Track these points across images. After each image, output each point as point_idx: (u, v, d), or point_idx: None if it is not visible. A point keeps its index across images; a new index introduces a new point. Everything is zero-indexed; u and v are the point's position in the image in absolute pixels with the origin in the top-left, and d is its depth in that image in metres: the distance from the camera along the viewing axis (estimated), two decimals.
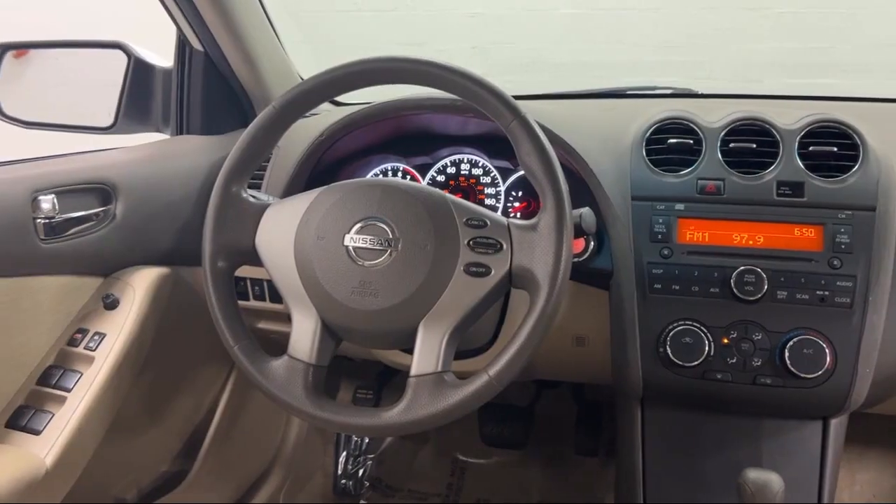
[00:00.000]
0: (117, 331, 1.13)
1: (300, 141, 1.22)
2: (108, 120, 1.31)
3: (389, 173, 1.30)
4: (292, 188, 1.20)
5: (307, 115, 1.31)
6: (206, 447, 1.47)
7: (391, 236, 0.87)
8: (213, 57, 1.32)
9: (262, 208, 0.94)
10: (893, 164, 1.05)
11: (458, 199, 0.90)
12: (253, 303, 1.30)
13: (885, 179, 1.02)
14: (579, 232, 0.94)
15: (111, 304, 1.15)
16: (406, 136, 1.29)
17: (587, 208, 0.94)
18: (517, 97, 1.39)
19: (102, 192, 1.15)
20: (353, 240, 0.87)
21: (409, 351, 0.86)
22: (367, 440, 1.90)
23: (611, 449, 1.76)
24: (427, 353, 0.84)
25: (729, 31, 3.12)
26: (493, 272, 0.85)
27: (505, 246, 0.85)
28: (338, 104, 1.48)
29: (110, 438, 1.14)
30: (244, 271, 1.24)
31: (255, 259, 0.93)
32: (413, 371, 0.84)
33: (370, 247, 0.87)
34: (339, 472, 1.85)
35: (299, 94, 0.93)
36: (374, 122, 1.21)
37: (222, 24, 1.24)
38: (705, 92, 1.44)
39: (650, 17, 3.16)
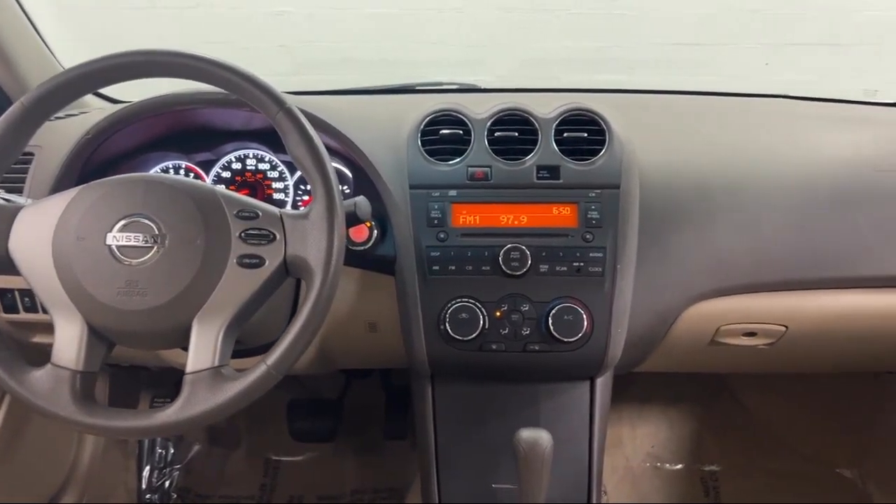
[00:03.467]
0: None
1: (66, 140, 1.15)
2: None
3: (171, 171, 1.27)
4: (58, 190, 1.13)
5: (74, 112, 1.25)
6: None
7: (157, 232, 0.85)
8: None
9: (15, 211, 0.88)
10: (635, 146, 1.18)
11: (228, 191, 0.90)
12: (24, 315, 1.21)
13: (627, 160, 1.14)
14: (355, 220, 0.97)
15: None
16: (187, 132, 1.26)
17: (362, 196, 0.98)
18: (306, 93, 1.42)
19: None
20: (116, 238, 0.85)
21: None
22: (171, 450, 1.83)
23: None
24: (203, 349, 0.84)
25: (526, 30, 3.30)
26: (267, 263, 0.86)
27: (278, 236, 0.87)
28: (114, 101, 1.41)
29: None
30: (10, 282, 1.16)
31: (9, 266, 0.88)
32: (189, 368, 0.83)
33: (135, 244, 0.84)
34: (143, 486, 1.77)
35: (50, 89, 0.89)
36: (149, 119, 1.17)
37: None
38: (489, 87, 1.55)
39: (454, 17, 3.27)
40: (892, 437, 1.72)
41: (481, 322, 1.09)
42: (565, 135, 1.15)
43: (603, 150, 1.14)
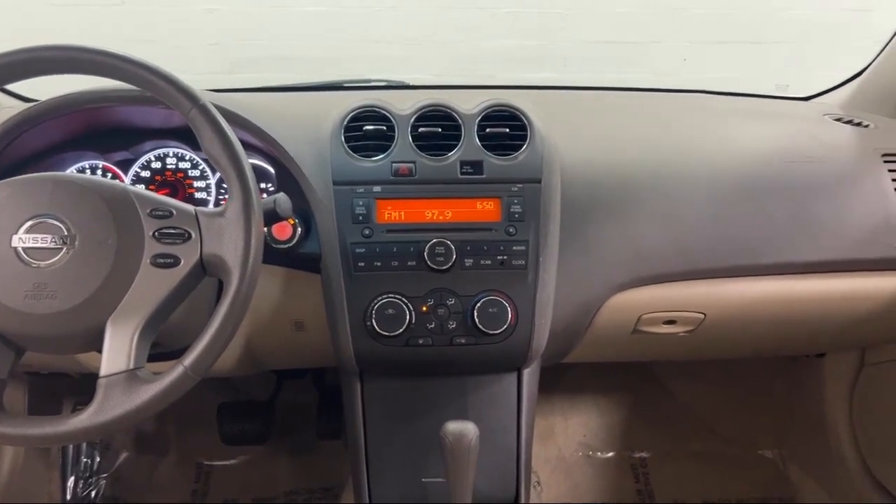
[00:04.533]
0: None
1: None
2: None
3: (87, 171, 1.23)
4: None
5: None
6: None
7: (66, 233, 0.83)
8: None
9: None
10: (556, 141, 1.20)
11: (140, 189, 0.89)
12: None
13: (548, 155, 1.16)
14: (275, 217, 0.96)
15: None
16: (104, 131, 1.22)
17: (282, 193, 0.97)
18: (230, 91, 1.39)
19: None
20: (21, 240, 0.82)
21: None
22: (97, 458, 1.78)
23: None
24: (117, 351, 0.82)
25: (462, 28, 3.32)
26: (182, 262, 0.85)
27: (193, 235, 0.85)
28: (26, 100, 1.36)
29: None
30: None
31: None
32: (103, 371, 0.81)
33: (43, 246, 0.82)
34: (68, 497, 1.71)
35: None
36: (63, 117, 1.14)
37: None
38: (416, 84, 1.55)
39: (391, 14, 3.27)
40: (810, 418, 1.80)
41: (407, 317, 1.09)
42: (488, 130, 1.17)
43: (524, 146, 1.16)
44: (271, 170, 1.21)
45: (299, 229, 1.14)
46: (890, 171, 1.27)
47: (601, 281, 1.19)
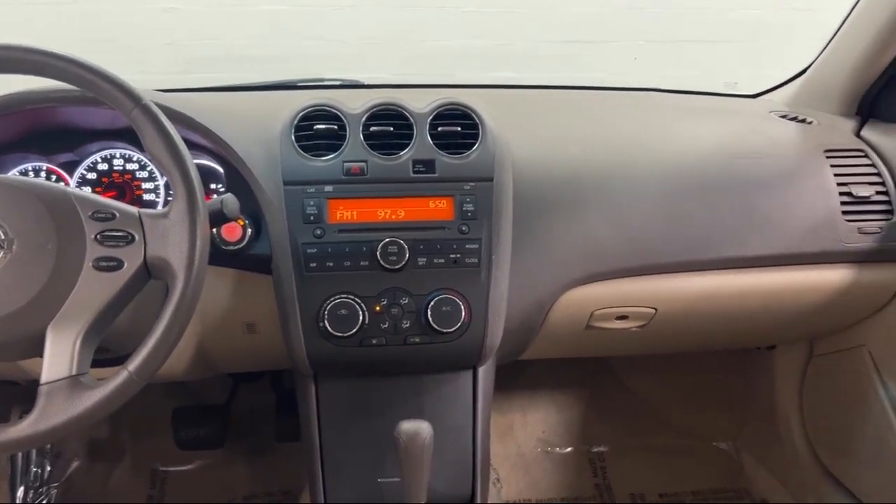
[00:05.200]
0: None
1: None
2: None
3: (31, 173, 1.20)
4: None
5: None
6: None
7: (3, 237, 0.81)
8: None
9: None
10: (508, 140, 1.20)
11: (82, 192, 0.87)
12: None
13: (500, 153, 1.16)
14: (222, 218, 0.95)
15: None
16: (49, 132, 1.20)
17: (229, 194, 0.96)
18: (180, 90, 1.37)
19: None
20: None
21: None
22: (48, 468, 1.73)
23: None
24: (59, 358, 0.80)
25: (422, 27, 3.33)
26: (126, 265, 0.83)
27: (137, 237, 0.84)
28: None
29: None
30: None
31: None
32: (44, 378, 0.79)
33: None
34: None
35: None
36: (2, 119, 1.10)
37: None
38: (370, 83, 1.55)
39: (349, 13, 3.26)
40: (763, 409, 1.84)
41: (361, 317, 1.09)
42: (440, 129, 1.17)
43: (476, 144, 1.16)
44: (221, 170, 1.20)
45: (249, 230, 1.13)
46: (832, 166, 1.30)
47: (553, 278, 1.20)
